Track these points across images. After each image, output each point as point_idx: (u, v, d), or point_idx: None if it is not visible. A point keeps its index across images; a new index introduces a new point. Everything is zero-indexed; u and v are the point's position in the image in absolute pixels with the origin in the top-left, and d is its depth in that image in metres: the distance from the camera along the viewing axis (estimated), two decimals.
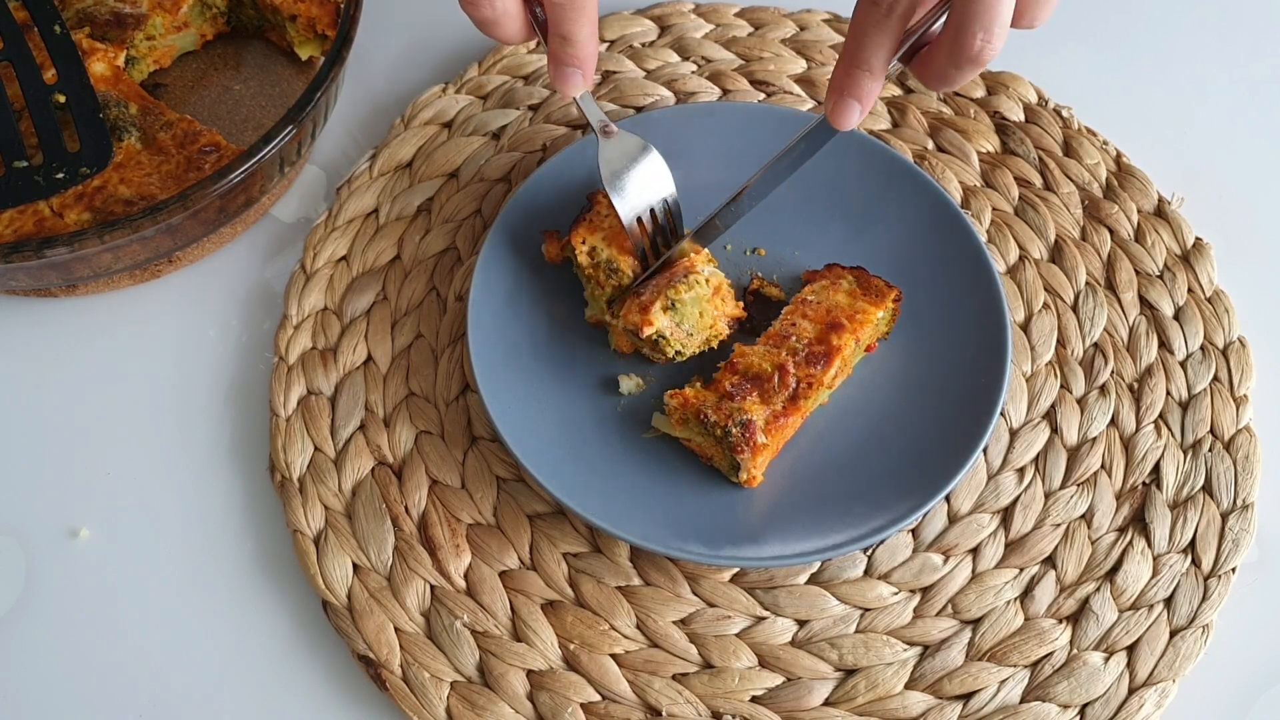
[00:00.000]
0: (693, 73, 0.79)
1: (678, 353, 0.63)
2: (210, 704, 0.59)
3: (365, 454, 0.65)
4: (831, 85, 0.55)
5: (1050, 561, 0.62)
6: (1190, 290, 0.70)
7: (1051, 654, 0.60)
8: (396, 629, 0.60)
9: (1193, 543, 0.62)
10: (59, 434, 0.66)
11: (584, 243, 0.65)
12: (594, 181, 0.69)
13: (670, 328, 0.62)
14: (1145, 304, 0.70)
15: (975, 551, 0.63)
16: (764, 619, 0.61)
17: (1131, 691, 0.59)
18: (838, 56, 0.55)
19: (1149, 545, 0.62)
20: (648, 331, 0.61)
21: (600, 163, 0.63)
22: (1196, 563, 0.62)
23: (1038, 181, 0.75)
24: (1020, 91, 0.78)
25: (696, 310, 0.62)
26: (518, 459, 0.60)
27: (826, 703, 0.59)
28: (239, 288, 0.72)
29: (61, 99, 0.68)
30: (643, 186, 0.63)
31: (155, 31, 0.75)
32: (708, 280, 0.62)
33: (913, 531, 0.63)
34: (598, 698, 0.59)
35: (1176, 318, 0.69)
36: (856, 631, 0.60)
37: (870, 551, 0.62)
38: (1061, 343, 0.69)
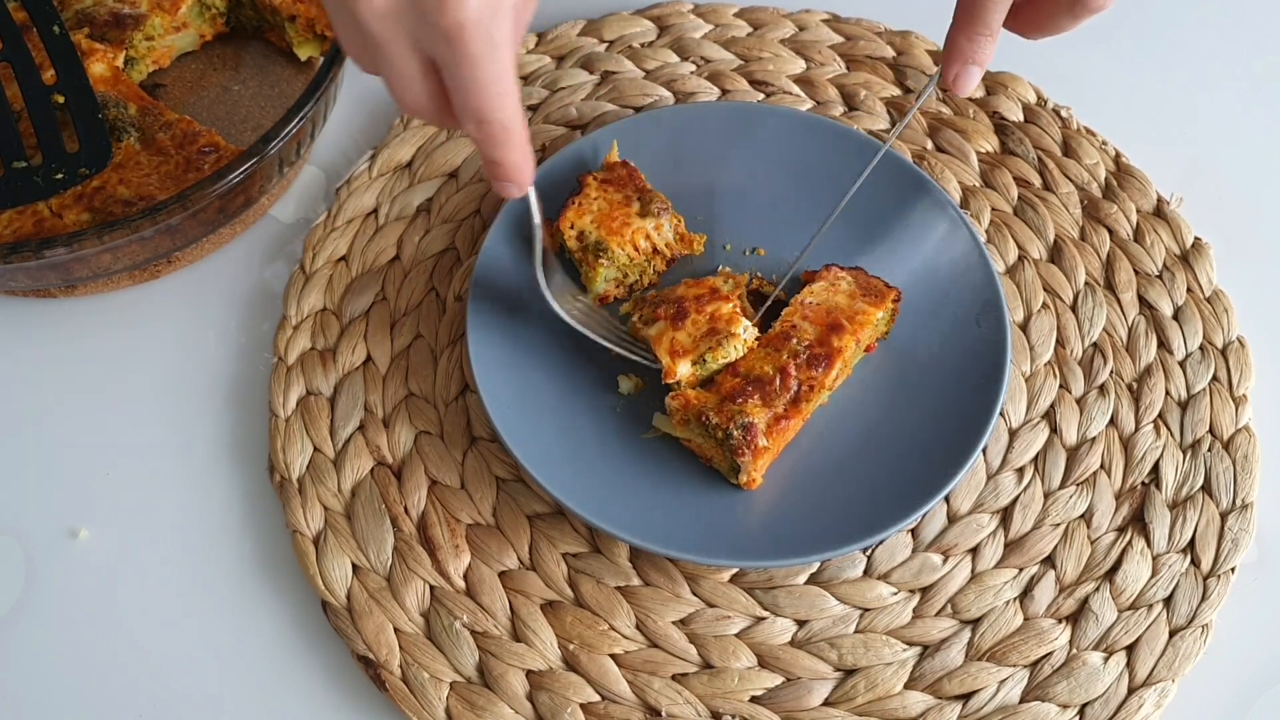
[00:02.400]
0: (692, 73, 0.79)
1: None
2: (210, 704, 0.59)
3: (364, 454, 0.65)
4: (953, 54, 0.56)
5: (1050, 561, 0.62)
6: (1189, 290, 0.70)
7: (1051, 654, 0.60)
8: (396, 629, 0.60)
9: (1192, 542, 0.62)
10: (59, 434, 0.66)
11: (572, 227, 0.65)
12: (587, 168, 0.70)
13: (690, 375, 0.62)
14: (1144, 304, 0.70)
15: (975, 551, 0.63)
16: (763, 619, 0.61)
17: (1131, 691, 0.59)
18: (952, 22, 0.56)
19: (1148, 545, 0.62)
20: (669, 380, 0.61)
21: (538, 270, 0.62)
22: (1196, 562, 0.62)
23: (1037, 181, 0.75)
24: (1019, 91, 0.78)
25: (721, 365, 0.63)
26: (517, 459, 0.60)
27: (826, 703, 0.59)
28: (238, 288, 0.72)
29: (61, 99, 0.68)
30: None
31: (154, 32, 0.75)
32: (745, 342, 0.62)
33: (912, 531, 0.63)
34: (597, 698, 0.59)
35: (1176, 317, 0.69)
36: (856, 631, 0.60)
37: (870, 551, 0.62)
38: (1061, 343, 0.69)
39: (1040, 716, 0.58)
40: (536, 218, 0.60)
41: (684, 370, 0.62)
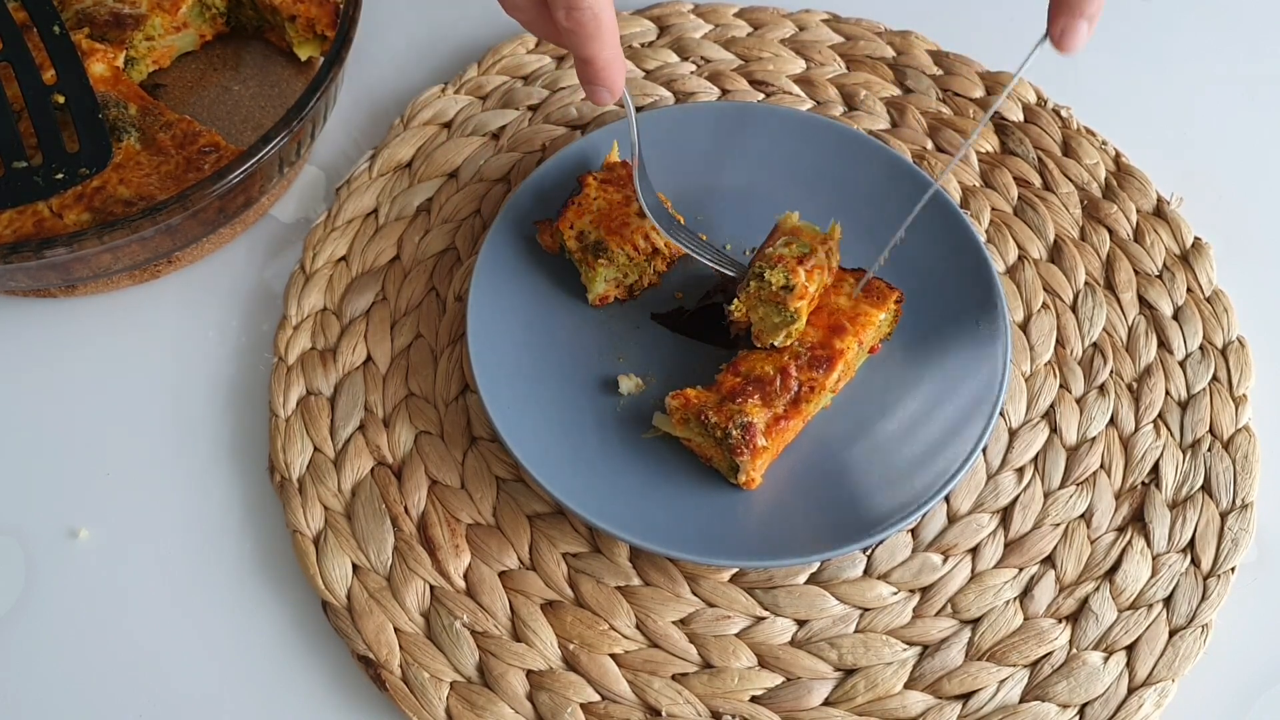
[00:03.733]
0: (692, 73, 0.79)
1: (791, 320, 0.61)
2: (210, 704, 0.59)
3: (365, 454, 0.65)
4: (1059, 6, 0.52)
5: (1049, 561, 0.62)
6: (1189, 290, 0.70)
7: (1051, 654, 0.60)
8: (396, 629, 0.60)
9: (1192, 542, 0.62)
10: (59, 434, 0.66)
11: (571, 227, 0.65)
12: (587, 168, 0.70)
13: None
14: (1144, 304, 0.70)
15: (975, 551, 0.63)
16: (763, 619, 0.61)
17: (1131, 691, 0.59)
18: None
19: (1148, 545, 0.62)
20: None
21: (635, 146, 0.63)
22: (1196, 562, 0.62)
23: (1037, 181, 0.75)
24: (1019, 91, 0.78)
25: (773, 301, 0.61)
26: (517, 459, 0.60)
27: (826, 702, 0.59)
28: (238, 288, 0.72)
29: (61, 99, 0.68)
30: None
31: (154, 32, 0.75)
32: (791, 335, 0.62)
33: (912, 531, 0.63)
34: (597, 698, 0.59)
35: (1175, 317, 0.69)
36: (856, 631, 0.60)
37: (870, 551, 0.62)
38: (1061, 342, 0.69)
39: (1040, 716, 0.58)
40: (634, 128, 0.61)
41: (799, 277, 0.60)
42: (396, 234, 0.72)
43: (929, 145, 0.76)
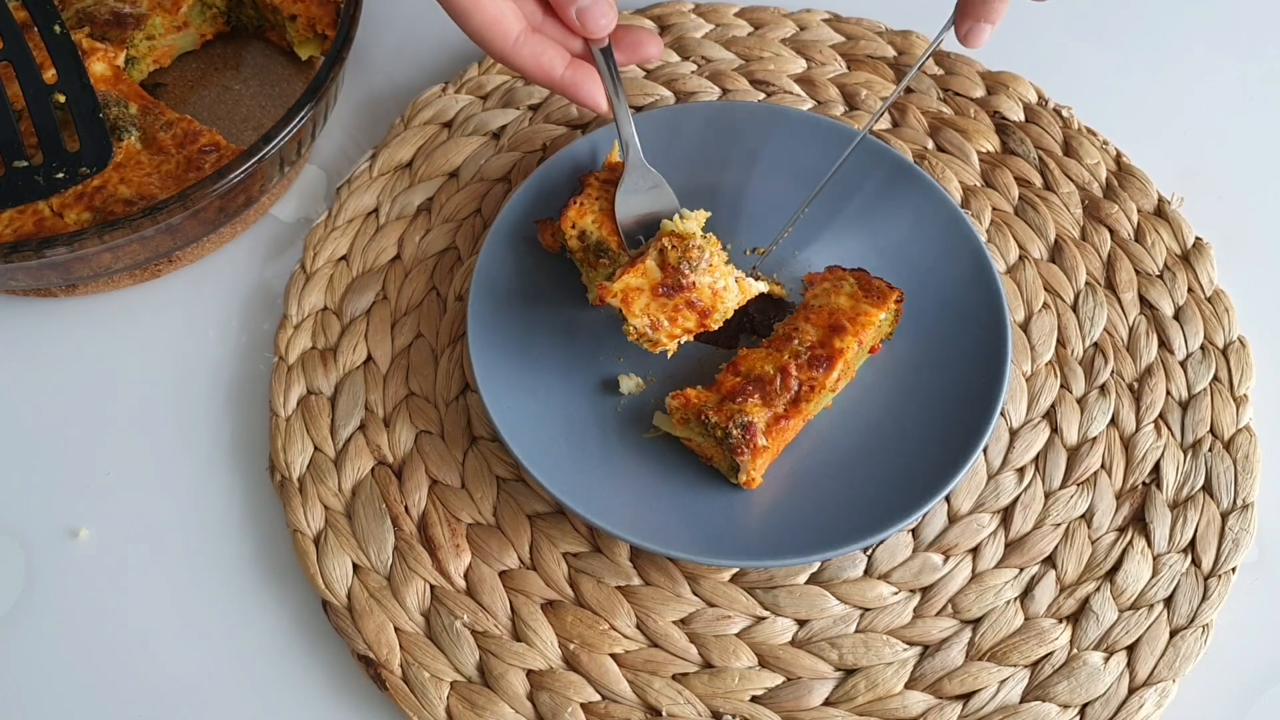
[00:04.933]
0: (693, 73, 0.79)
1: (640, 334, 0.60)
2: (210, 704, 0.59)
3: (365, 454, 0.65)
4: (965, 9, 0.58)
5: (1050, 561, 0.62)
6: (1190, 290, 0.70)
7: (1051, 654, 0.60)
8: (396, 629, 0.60)
9: (1193, 542, 0.62)
10: (59, 434, 0.66)
11: (573, 227, 0.65)
12: (588, 168, 0.70)
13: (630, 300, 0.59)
14: (1145, 304, 0.70)
15: (975, 551, 0.63)
16: (764, 619, 0.61)
17: (1131, 691, 0.59)
18: None
19: (1149, 545, 0.62)
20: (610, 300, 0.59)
21: (619, 193, 0.65)
22: (1196, 562, 0.62)
23: (1038, 181, 0.75)
24: (1020, 91, 0.78)
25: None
26: (518, 459, 0.60)
27: (826, 702, 0.59)
28: (239, 288, 0.72)
29: (61, 99, 0.68)
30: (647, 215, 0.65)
31: (155, 31, 0.75)
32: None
33: (913, 531, 0.63)
34: (598, 698, 0.59)
35: (1176, 317, 0.69)
36: (856, 631, 0.60)
37: (870, 551, 0.62)
38: (1061, 342, 0.69)
39: (1041, 716, 0.58)
40: (611, 83, 0.63)
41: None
42: (397, 233, 0.72)
43: (929, 145, 0.76)
